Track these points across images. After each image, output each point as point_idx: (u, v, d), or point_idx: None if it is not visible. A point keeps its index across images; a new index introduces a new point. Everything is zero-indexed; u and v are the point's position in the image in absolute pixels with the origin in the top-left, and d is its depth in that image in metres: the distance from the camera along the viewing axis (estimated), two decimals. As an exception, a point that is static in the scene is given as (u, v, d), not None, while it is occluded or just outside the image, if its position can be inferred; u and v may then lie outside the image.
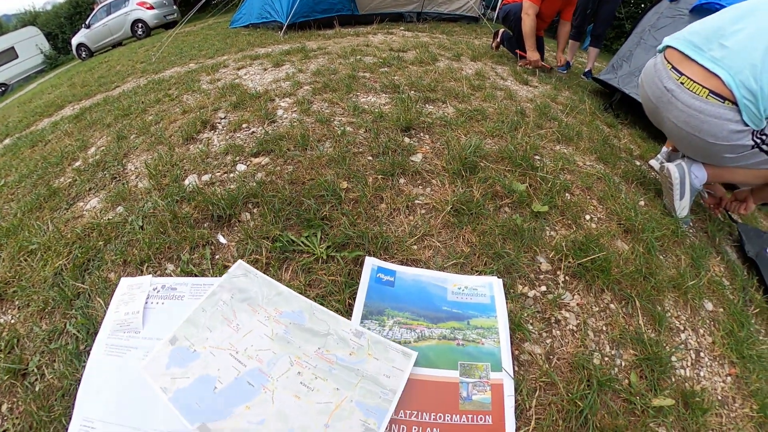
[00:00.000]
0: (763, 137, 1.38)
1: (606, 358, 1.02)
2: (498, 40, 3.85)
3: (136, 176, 1.55)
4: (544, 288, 1.13)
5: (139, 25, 11.74)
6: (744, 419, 1.06)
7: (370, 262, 1.04)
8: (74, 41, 12.88)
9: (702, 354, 1.16)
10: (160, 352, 0.85)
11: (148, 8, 11.67)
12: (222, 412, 0.75)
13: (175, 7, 12.82)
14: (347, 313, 0.95)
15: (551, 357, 0.98)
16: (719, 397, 1.08)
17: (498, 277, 1.09)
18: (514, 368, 0.93)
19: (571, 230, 1.33)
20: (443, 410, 0.80)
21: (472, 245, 1.16)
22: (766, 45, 1.29)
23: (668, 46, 1.54)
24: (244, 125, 1.75)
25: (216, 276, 1.04)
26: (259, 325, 0.89)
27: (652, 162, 2.12)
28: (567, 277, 1.17)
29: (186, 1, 15.37)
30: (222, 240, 1.16)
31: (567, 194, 1.50)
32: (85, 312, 1.01)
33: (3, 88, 14.32)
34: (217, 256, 1.11)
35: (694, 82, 1.40)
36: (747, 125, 1.35)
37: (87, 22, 12.56)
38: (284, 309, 0.92)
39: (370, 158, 1.48)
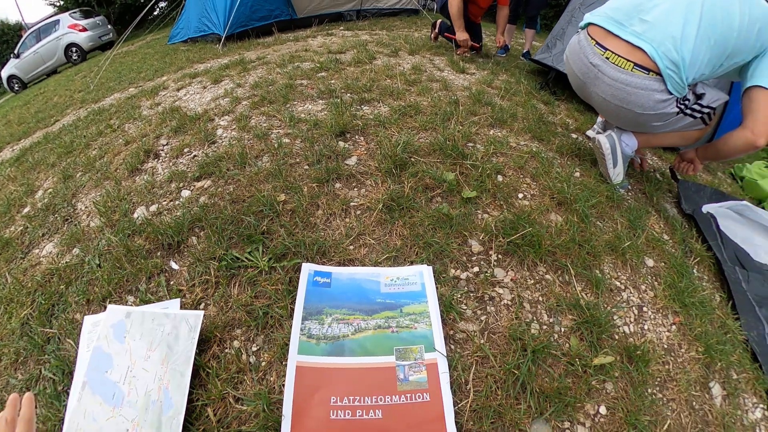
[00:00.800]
0: (687, 102, 1.48)
1: (545, 327, 1.09)
2: (436, 30, 3.95)
3: (87, 215, 1.59)
4: (476, 269, 1.21)
5: (74, 49, 11.03)
6: (691, 362, 1.15)
7: (307, 268, 1.13)
8: (3, 73, 12.00)
9: (645, 308, 1.24)
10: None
11: (81, 30, 10.93)
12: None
13: (110, 26, 12.21)
14: (290, 317, 1.03)
15: (486, 332, 1.05)
16: (665, 346, 1.16)
17: (429, 265, 1.18)
18: (449, 347, 1.01)
19: (502, 211, 1.41)
20: (383, 393, 0.90)
21: (404, 238, 1.26)
22: (684, 17, 1.36)
23: (590, 23, 1.60)
24: (185, 150, 1.81)
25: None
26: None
27: (589, 132, 2.23)
28: (499, 256, 1.25)
29: (121, 18, 14.85)
30: (174, 266, 1.23)
31: (499, 176, 1.59)
32: (58, 355, 1.06)
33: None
34: (171, 282, 1.18)
35: (619, 56, 1.46)
36: (671, 94, 1.43)
37: (16, 51, 11.69)
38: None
39: (306, 167, 1.56)
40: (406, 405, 0.88)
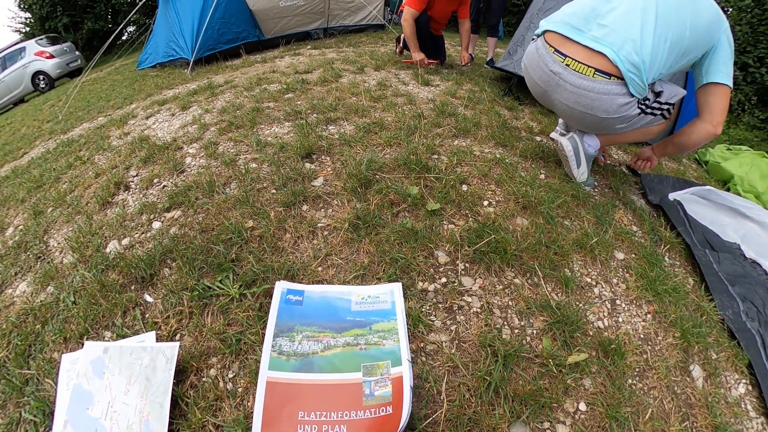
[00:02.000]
0: (647, 101, 1.51)
1: (516, 331, 1.11)
2: (401, 45, 4.04)
3: (60, 252, 1.60)
4: (444, 279, 1.24)
5: (41, 77, 10.77)
6: (669, 348, 1.18)
7: (280, 286, 1.17)
8: (-32, 104, 11.79)
9: (618, 301, 1.27)
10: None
11: (47, 57, 10.72)
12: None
13: (77, 53, 12.03)
14: (262, 342, 1.06)
15: (456, 342, 1.08)
16: (641, 336, 1.18)
17: (397, 281, 1.20)
18: (420, 359, 1.03)
19: (467, 220, 1.45)
20: (348, 408, 0.93)
21: (371, 255, 1.30)
22: (641, 19, 1.38)
23: (547, 30, 1.60)
24: (155, 180, 1.83)
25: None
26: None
27: (552, 135, 2.31)
28: (466, 265, 1.28)
29: (89, 44, 14.66)
30: (149, 299, 1.25)
31: (464, 186, 1.65)
32: (37, 395, 1.06)
33: None
34: (147, 315, 1.21)
35: (579, 62, 1.46)
36: (633, 96, 1.45)
37: None
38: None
39: (274, 191, 1.60)
40: (369, 420, 0.91)
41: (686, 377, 1.15)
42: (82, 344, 1.11)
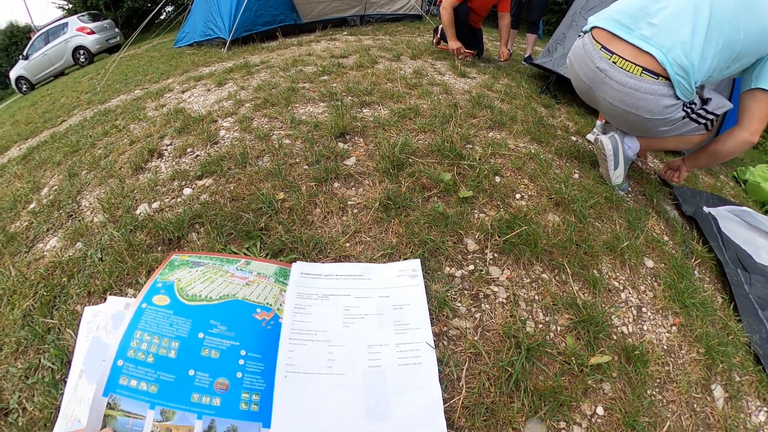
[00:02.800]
0: (693, 106, 1.48)
1: (540, 325, 1.09)
2: (438, 35, 3.99)
3: (91, 212, 1.62)
4: (471, 267, 1.21)
5: (81, 52, 11.23)
6: (692, 363, 1.15)
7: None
8: (12, 74, 12.22)
9: (644, 309, 1.24)
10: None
11: (88, 33, 11.15)
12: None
13: (117, 30, 12.38)
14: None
15: (480, 329, 1.06)
16: (665, 347, 1.16)
17: (426, 262, 1.19)
18: (442, 343, 1.01)
19: (498, 210, 1.42)
20: None
21: (400, 236, 1.28)
22: (693, 21, 1.34)
23: (595, 26, 1.57)
24: (188, 150, 1.84)
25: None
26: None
27: (589, 136, 2.25)
28: (495, 254, 1.26)
29: (128, 22, 15.03)
30: (174, 260, 1.26)
31: (497, 177, 1.62)
32: (57, 344, 1.08)
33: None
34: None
35: (626, 60, 1.44)
36: (679, 99, 1.42)
37: (25, 53, 11.90)
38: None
39: (306, 167, 1.59)
40: None
41: (707, 396, 1.11)
42: (105, 299, 1.12)
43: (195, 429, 0.77)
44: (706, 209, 1.84)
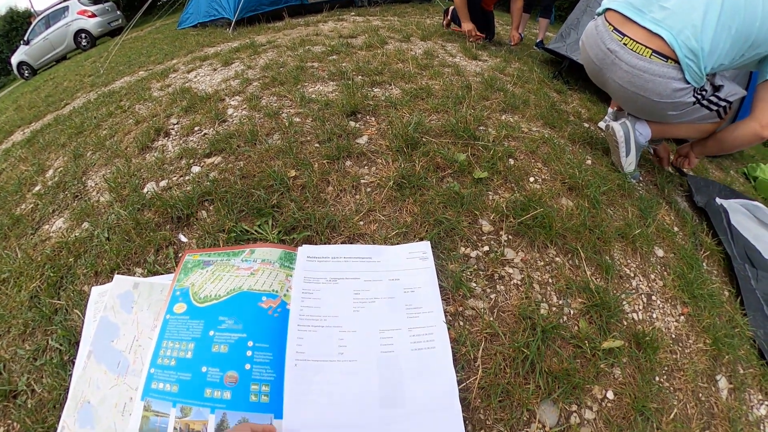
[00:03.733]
0: (704, 92, 1.46)
1: (554, 308, 1.08)
2: (449, 17, 3.90)
3: (97, 192, 1.59)
4: (486, 248, 1.20)
5: (83, 35, 11.04)
6: (698, 353, 1.15)
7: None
8: (14, 60, 12.04)
9: (654, 297, 1.24)
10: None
11: (90, 17, 10.93)
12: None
13: (119, 12, 12.18)
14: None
15: (496, 310, 1.05)
16: (673, 336, 1.16)
17: (440, 242, 1.17)
18: (458, 323, 1.00)
19: (513, 193, 1.40)
20: None
21: (415, 215, 1.25)
22: (705, 4, 1.33)
23: (608, 9, 1.57)
24: (196, 128, 1.80)
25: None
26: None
27: (601, 124, 2.22)
28: (510, 236, 1.24)
29: (130, 4, 14.82)
30: (183, 239, 1.23)
31: (510, 159, 1.58)
32: (65, 325, 1.07)
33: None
34: (180, 254, 1.18)
35: (637, 42, 1.44)
36: (688, 83, 1.41)
37: (26, 38, 11.70)
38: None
39: (317, 145, 1.55)
40: None
41: (712, 386, 1.12)
42: (112, 278, 1.10)
43: (209, 423, 0.79)
44: (718, 200, 1.81)
